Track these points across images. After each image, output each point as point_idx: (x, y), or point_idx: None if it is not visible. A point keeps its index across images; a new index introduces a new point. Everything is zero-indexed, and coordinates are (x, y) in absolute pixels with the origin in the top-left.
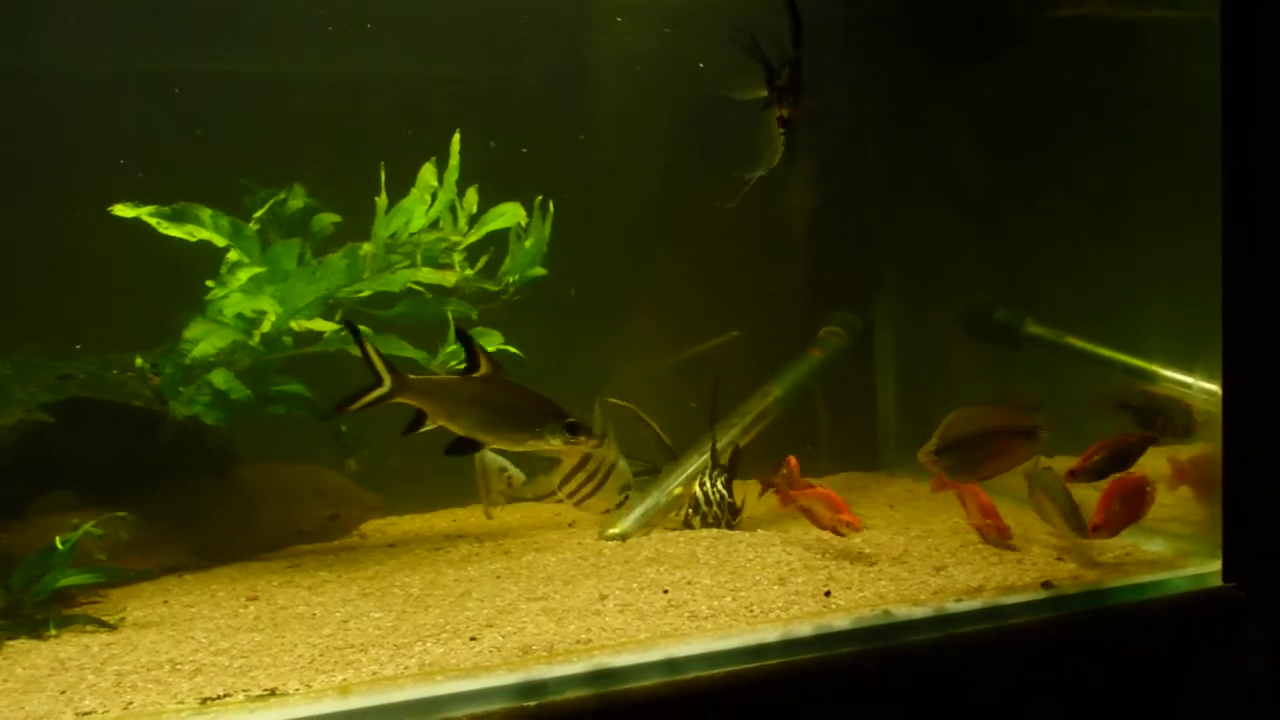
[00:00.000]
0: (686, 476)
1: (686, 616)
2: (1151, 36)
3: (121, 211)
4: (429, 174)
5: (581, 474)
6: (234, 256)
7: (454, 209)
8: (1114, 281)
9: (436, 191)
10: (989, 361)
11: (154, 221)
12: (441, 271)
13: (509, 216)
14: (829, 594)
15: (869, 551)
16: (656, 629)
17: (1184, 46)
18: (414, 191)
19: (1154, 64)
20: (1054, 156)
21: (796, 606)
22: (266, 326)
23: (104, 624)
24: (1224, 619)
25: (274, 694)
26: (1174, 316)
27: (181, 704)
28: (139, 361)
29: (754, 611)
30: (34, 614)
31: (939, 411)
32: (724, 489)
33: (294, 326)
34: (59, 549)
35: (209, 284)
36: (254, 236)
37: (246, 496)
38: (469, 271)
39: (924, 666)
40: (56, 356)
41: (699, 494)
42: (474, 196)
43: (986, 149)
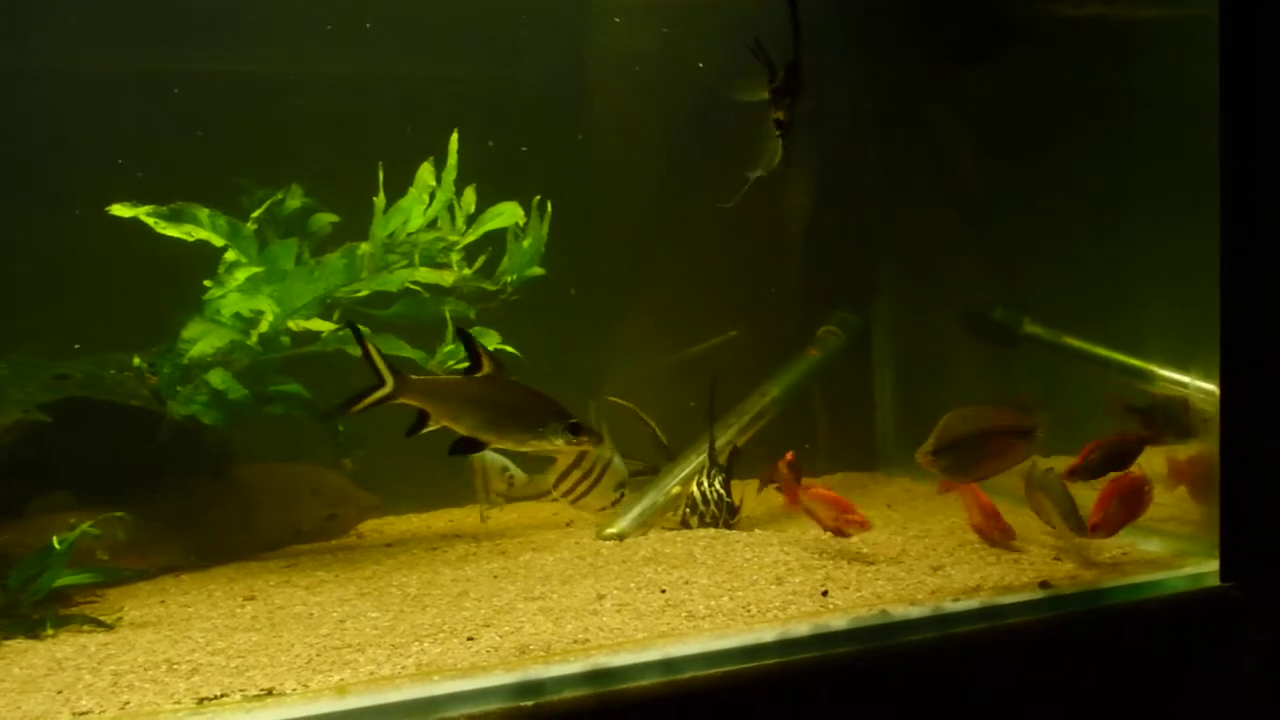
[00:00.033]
0: (684, 476)
1: (684, 616)
2: (1150, 36)
3: (119, 211)
4: (427, 174)
5: (577, 472)
6: (231, 256)
7: (452, 209)
8: (1112, 281)
9: (434, 191)
10: (987, 361)
11: (151, 221)
12: (439, 271)
13: (507, 216)
14: (826, 594)
15: (866, 551)
16: (654, 629)
17: (1183, 46)
18: (412, 191)
19: (1153, 64)
20: (1052, 156)
21: (794, 606)
22: (264, 326)
23: (101, 624)
24: (1221, 619)
25: (271, 694)
26: (1172, 316)
27: (178, 704)
28: (136, 361)
29: (751, 611)
30: (31, 614)
31: (937, 411)
32: (722, 488)
33: (291, 326)
34: (56, 549)
35: (206, 284)
36: (251, 236)
37: (244, 496)
38: (466, 271)
39: (921, 666)
40: (55, 356)
41: (696, 493)
42: (472, 196)
43: (985, 149)
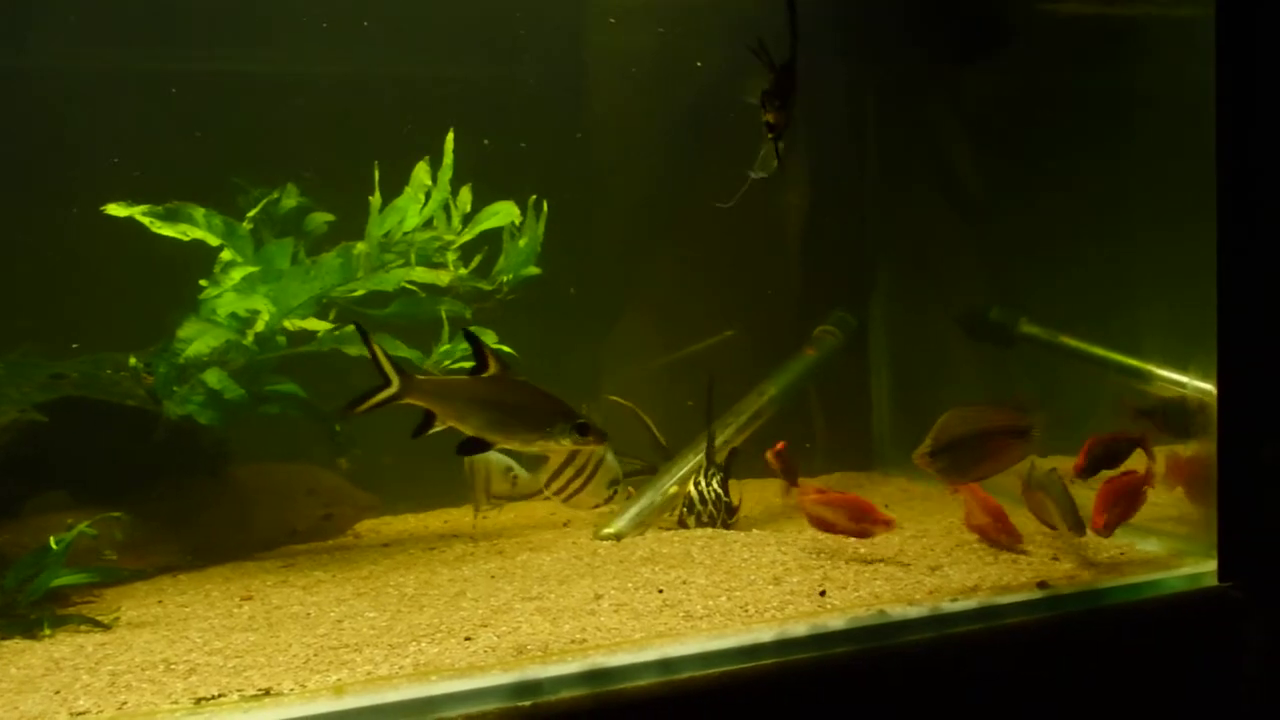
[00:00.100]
0: (682, 476)
1: (681, 616)
2: (1149, 36)
3: (115, 211)
4: (423, 173)
5: (570, 469)
6: (227, 256)
7: (448, 208)
8: (1109, 281)
9: (430, 191)
10: (984, 361)
11: (147, 221)
12: (435, 271)
13: (503, 215)
14: (824, 594)
15: (864, 551)
16: (651, 629)
17: (1182, 45)
18: (408, 190)
19: (1151, 63)
20: (1050, 156)
21: (792, 606)
22: (260, 326)
23: (98, 624)
24: (1220, 619)
25: (268, 694)
26: (1169, 316)
27: (176, 704)
28: (133, 361)
29: (749, 611)
30: (28, 614)
31: (934, 411)
32: (720, 488)
33: (288, 326)
34: (53, 549)
35: (202, 283)
36: (247, 236)
37: (240, 496)
38: (463, 271)
39: (919, 666)
40: (51, 356)
41: (694, 493)
42: (468, 195)
43: (983, 148)
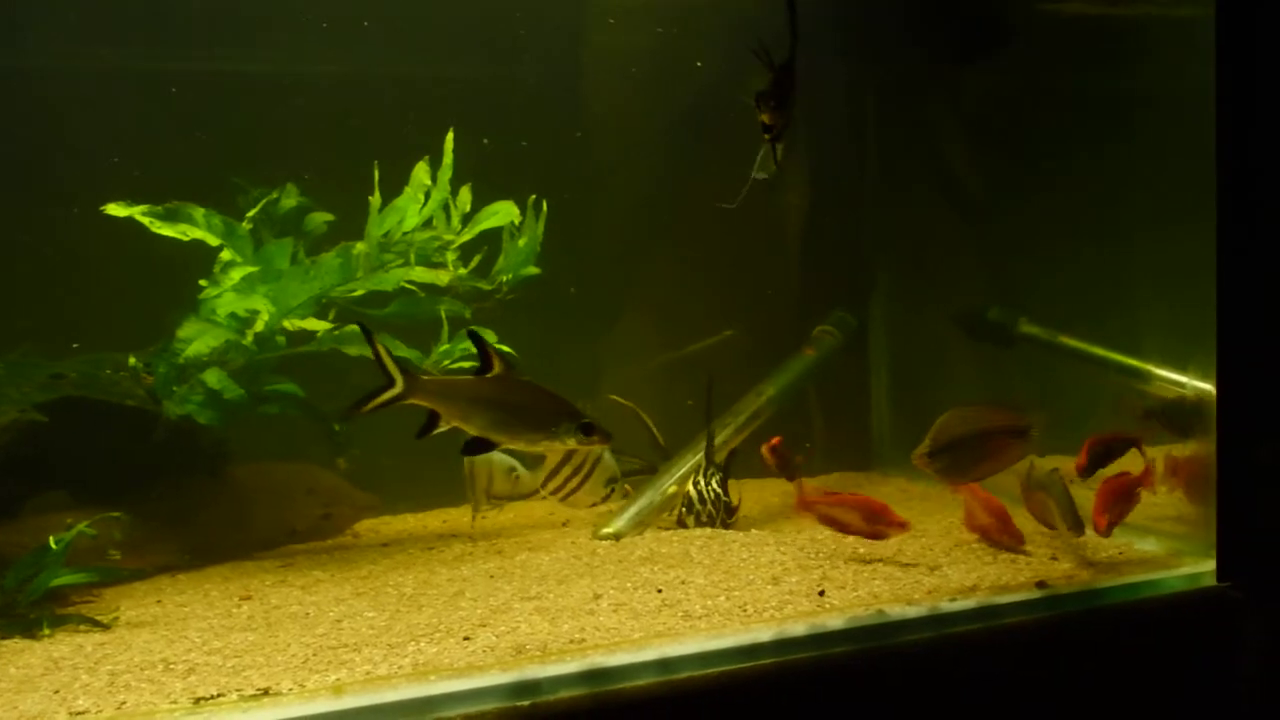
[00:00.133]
0: (680, 475)
1: (680, 616)
2: (1149, 36)
3: (115, 211)
4: (422, 173)
5: (567, 468)
6: (227, 256)
7: (447, 208)
8: (1108, 281)
9: (430, 190)
10: (983, 361)
11: (147, 221)
12: (434, 270)
13: (502, 215)
14: (823, 593)
15: (863, 551)
16: (650, 628)
17: (1182, 45)
18: (407, 190)
19: (1151, 63)
20: (1049, 156)
21: (790, 606)
22: (260, 326)
23: (97, 623)
24: (1218, 619)
25: (267, 693)
26: (1168, 316)
27: (175, 704)
28: (132, 361)
29: (748, 611)
30: (28, 613)
31: (933, 411)
32: (719, 488)
33: (287, 326)
34: (53, 549)
35: (202, 283)
36: (247, 236)
37: (239, 496)
38: (462, 270)
39: (918, 666)
40: (52, 356)
41: (693, 493)
42: (467, 195)
43: (982, 148)
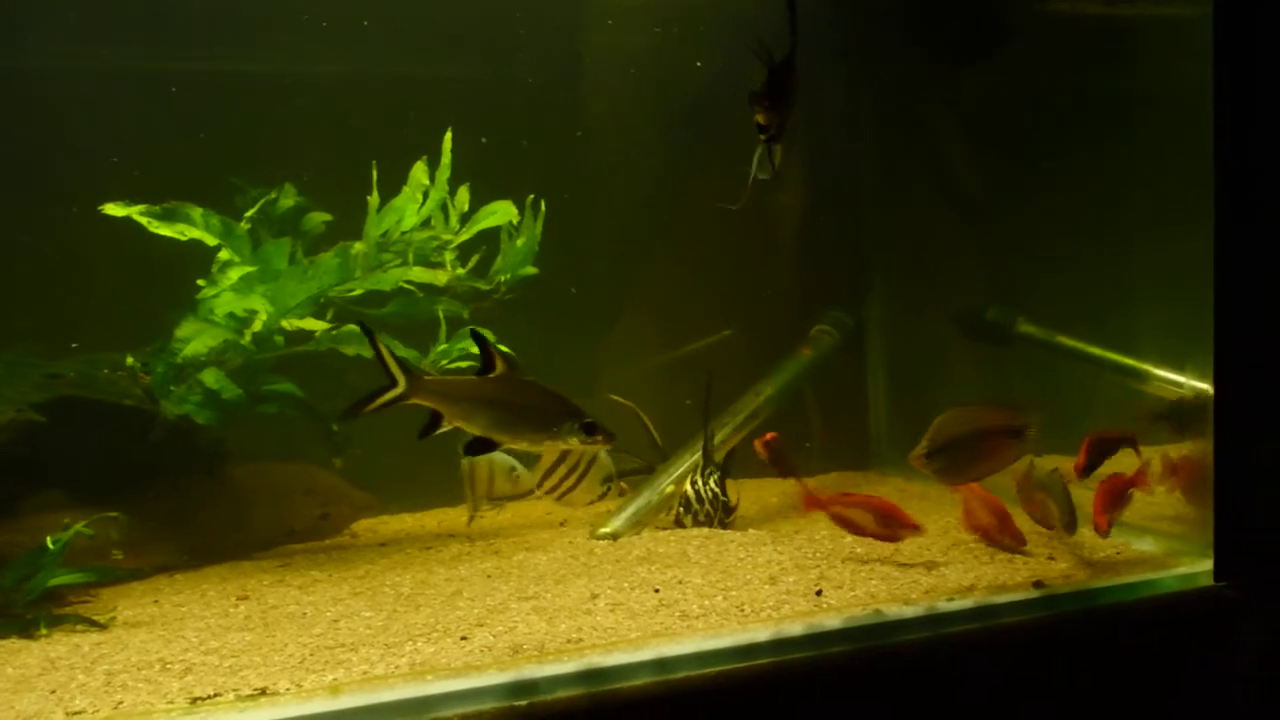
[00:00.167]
0: (678, 475)
1: (677, 616)
2: (1148, 36)
3: (113, 210)
4: (421, 172)
5: (563, 468)
6: (225, 255)
7: (446, 207)
8: (1106, 281)
9: (428, 190)
10: (981, 361)
11: (145, 220)
12: (433, 270)
13: (500, 215)
14: (820, 593)
15: (860, 551)
16: (647, 628)
17: (1181, 45)
18: (406, 190)
19: (1150, 63)
20: (1048, 156)
21: (788, 606)
22: (258, 325)
23: (94, 623)
24: (1215, 618)
25: (264, 693)
26: (1166, 316)
27: (172, 703)
28: (130, 360)
29: (745, 611)
30: (25, 613)
31: (930, 411)
32: (716, 487)
33: (285, 325)
34: (50, 548)
35: (200, 283)
36: (245, 235)
37: (237, 496)
38: (460, 270)
39: (915, 666)
40: (50, 355)
41: (691, 492)
42: (466, 195)
43: (981, 148)
